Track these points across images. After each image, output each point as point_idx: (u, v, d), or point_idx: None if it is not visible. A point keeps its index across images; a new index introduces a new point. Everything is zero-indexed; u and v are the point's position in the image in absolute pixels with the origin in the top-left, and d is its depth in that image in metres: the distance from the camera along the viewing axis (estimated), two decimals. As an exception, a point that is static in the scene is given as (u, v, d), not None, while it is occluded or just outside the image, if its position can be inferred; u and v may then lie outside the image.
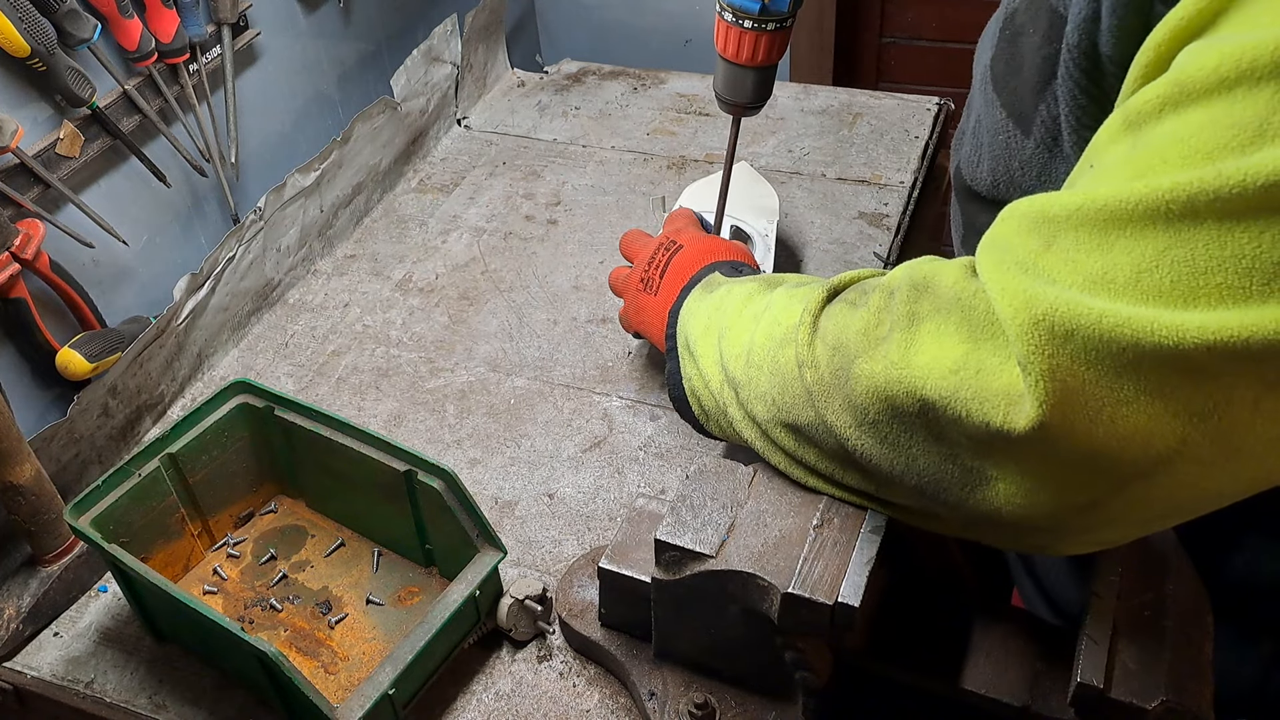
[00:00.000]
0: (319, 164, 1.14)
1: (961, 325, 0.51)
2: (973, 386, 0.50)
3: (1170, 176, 0.43)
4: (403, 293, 1.13)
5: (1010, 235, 0.51)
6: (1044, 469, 0.50)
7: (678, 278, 0.81)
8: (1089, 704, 0.58)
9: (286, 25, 1.17)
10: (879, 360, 0.55)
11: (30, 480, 0.78)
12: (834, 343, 0.58)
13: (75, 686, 0.78)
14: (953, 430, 0.52)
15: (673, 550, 0.64)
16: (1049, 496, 0.51)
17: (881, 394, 0.54)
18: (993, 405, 0.49)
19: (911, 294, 0.55)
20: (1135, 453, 0.47)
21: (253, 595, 0.82)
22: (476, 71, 1.45)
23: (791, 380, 0.61)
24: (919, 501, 0.59)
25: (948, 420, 0.52)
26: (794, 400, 0.61)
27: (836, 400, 0.58)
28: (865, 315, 0.57)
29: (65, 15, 0.86)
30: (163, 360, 0.98)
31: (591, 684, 0.76)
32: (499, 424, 0.97)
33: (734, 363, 0.67)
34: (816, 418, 0.59)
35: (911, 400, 0.53)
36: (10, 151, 0.84)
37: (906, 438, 0.55)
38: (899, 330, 0.54)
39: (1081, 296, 0.46)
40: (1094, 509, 0.51)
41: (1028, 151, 0.62)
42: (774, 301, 0.67)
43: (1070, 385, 0.46)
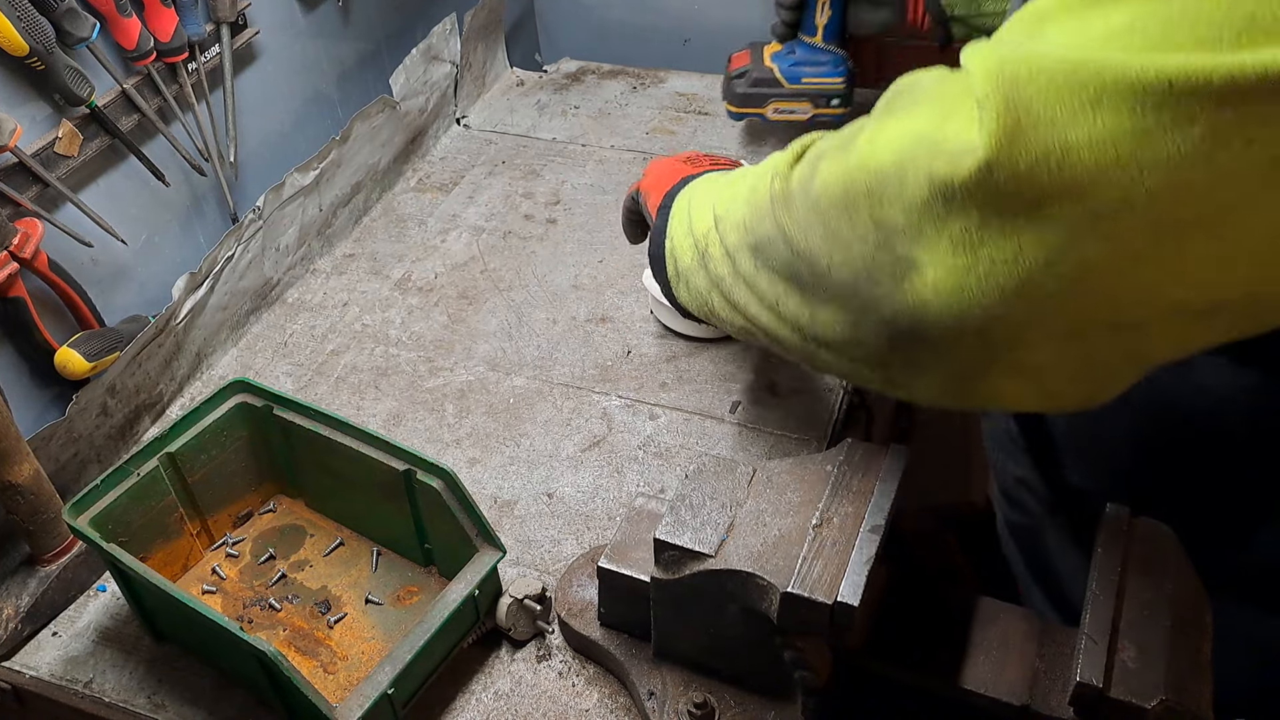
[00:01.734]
0: (318, 163, 1.13)
1: (934, 105, 0.50)
2: (929, 146, 0.48)
3: None
4: (402, 292, 1.13)
5: (1000, 33, 0.50)
6: (978, 232, 0.47)
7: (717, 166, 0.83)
8: (1088, 703, 0.58)
9: (285, 24, 1.16)
10: (850, 154, 0.54)
11: (29, 479, 0.78)
12: (814, 155, 0.59)
13: (74, 686, 0.78)
14: (895, 203, 0.50)
15: (672, 549, 0.64)
16: (981, 276, 0.48)
17: (839, 177, 0.54)
18: (942, 159, 0.47)
19: (888, 98, 0.55)
20: (1074, 210, 0.45)
21: (252, 595, 0.82)
22: (476, 70, 1.45)
23: (761, 198, 0.62)
24: (847, 319, 0.57)
25: (893, 190, 0.50)
26: (760, 215, 0.62)
27: (797, 201, 0.58)
28: (845, 130, 0.57)
29: (64, 14, 0.86)
30: (161, 359, 0.98)
31: (591, 683, 0.76)
32: (498, 423, 0.97)
33: (719, 204, 0.69)
34: (774, 228, 0.60)
35: (865, 175, 0.52)
36: (9, 150, 0.84)
37: (848, 223, 0.53)
38: (870, 127, 0.54)
39: (1046, 47, 0.45)
40: (1026, 299, 0.48)
41: None
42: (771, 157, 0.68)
43: (1023, 122, 0.44)
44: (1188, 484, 0.70)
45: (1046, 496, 0.83)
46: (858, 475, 0.66)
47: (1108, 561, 0.63)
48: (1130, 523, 0.65)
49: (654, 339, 1.05)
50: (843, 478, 0.66)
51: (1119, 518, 0.65)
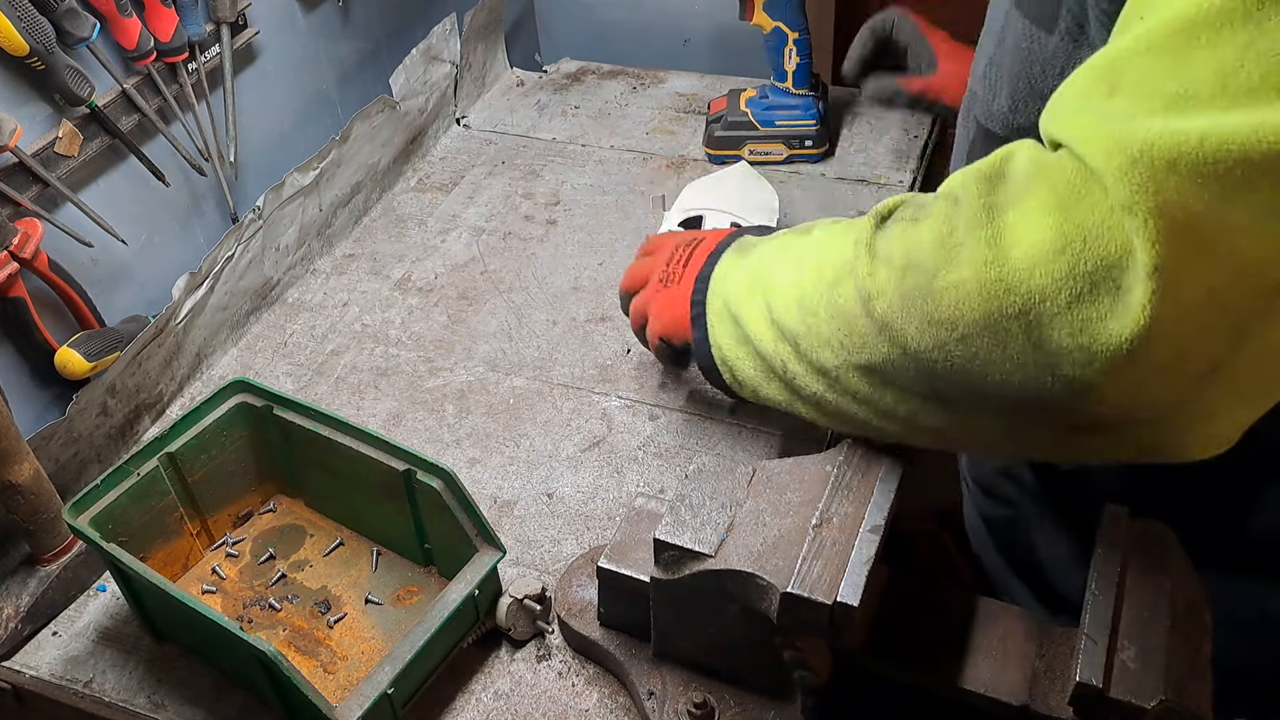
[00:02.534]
0: (318, 163, 1.13)
1: (1048, 198, 0.48)
2: (1085, 258, 0.46)
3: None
4: (402, 292, 1.13)
5: (1075, 94, 0.48)
6: (1160, 335, 0.46)
7: (702, 258, 0.79)
8: (1088, 703, 0.58)
9: (285, 24, 1.17)
10: (966, 265, 0.51)
11: (29, 479, 0.78)
12: (903, 263, 0.54)
13: (74, 686, 0.78)
14: (1059, 327, 0.48)
15: (672, 550, 0.64)
16: (1166, 372, 0.47)
17: (976, 300, 0.50)
18: (1108, 280, 0.46)
19: (982, 188, 0.51)
20: (1252, 286, 0.44)
21: (251, 594, 0.82)
22: (475, 71, 1.45)
23: (856, 317, 0.58)
24: (1009, 426, 0.55)
25: (1051, 312, 0.48)
26: (863, 338, 0.58)
27: (915, 323, 0.54)
28: (933, 226, 0.53)
29: (64, 14, 0.86)
30: (161, 359, 0.98)
31: (590, 683, 0.76)
32: (498, 423, 0.97)
33: (786, 314, 0.64)
34: (893, 349, 0.56)
35: (1014, 298, 0.49)
36: (9, 150, 0.84)
37: (1000, 347, 0.51)
38: (978, 228, 0.50)
39: (1170, 121, 0.43)
40: (1214, 378, 0.48)
41: (1050, 48, 0.61)
42: (815, 242, 0.65)
43: (1180, 220, 0.43)
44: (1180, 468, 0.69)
45: (1033, 486, 0.83)
46: (857, 475, 0.66)
47: (1108, 561, 0.64)
48: (1130, 523, 0.65)
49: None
50: (842, 478, 0.66)
51: (1119, 518, 0.65)
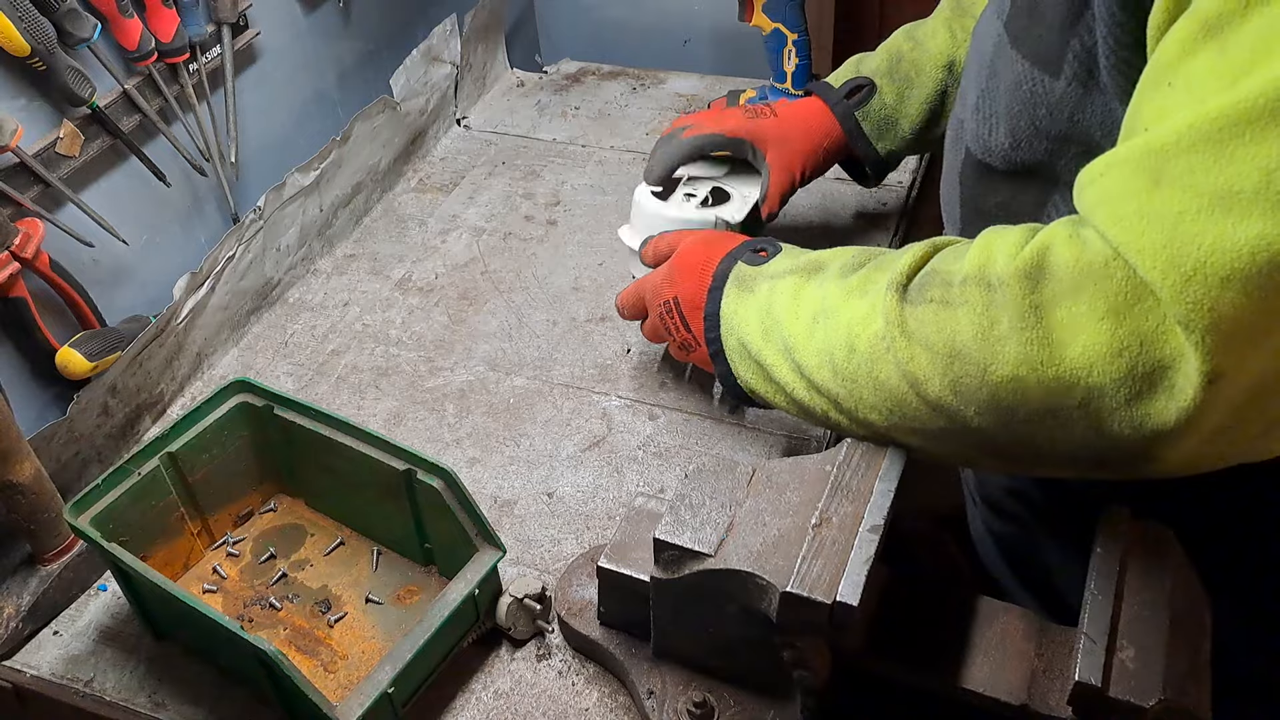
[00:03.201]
0: (318, 163, 1.14)
1: (1099, 303, 0.49)
2: (1141, 362, 0.48)
3: (1275, 67, 0.42)
4: (402, 292, 1.13)
5: (1117, 184, 0.49)
6: (1213, 416, 0.49)
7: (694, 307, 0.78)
8: (1087, 703, 0.59)
9: (286, 25, 1.17)
10: (1016, 364, 0.53)
11: (30, 479, 0.78)
12: (946, 352, 0.56)
13: (75, 685, 0.78)
14: (1118, 416, 0.51)
15: (671, 549, 0.64)
16: (1224, 435, 0.50)
17: (1034, 395, 0.53)
18: (1161, 375, 0.48)
19: (1024, 284, 0.52)
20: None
21: (252, 594, 0.82)
22: (476, 71, 1.45)
23: (904, 395, 0.60)
24: (1074, 471, 0.58)
25: (1113, 406, 0.51)
26: (915, 412, 0.60)
27: (973, 407, 0.56)
28: (971, 317, 0.55)
29: (65, 14, 0.86)
30: (162, 359, 0.98)
31: (590, 682, 0.76)
32: (498, 423, 0.97)
33: (819, 374, 0.65)
34: (951, 423, 0.58)
35: (1074, 395, 0.51)
36: (10, 151, 0.84)
37: (1064, 428, 0.53)
38: (1025, 329, 0.52)
39: (1217, 225, 0.44)
40: (1270, 433, 0.51)
41: (1057, 93, 0.60)
42: (831, 300, 0.65)
43: (1234, 330, 0.45)
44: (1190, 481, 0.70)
45: (1043, 506, 0.83)
46: (857, 475, 0.67)
47: (1107, 561, 0.64)
48: (1130, 523, 0.65)
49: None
50: (842, 478, 0.66)
51: (1119, 518, 0.65)
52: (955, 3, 0.96)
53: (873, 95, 0.96)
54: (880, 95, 0.96)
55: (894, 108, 0.97)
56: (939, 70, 0.95)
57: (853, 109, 0.97)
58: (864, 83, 0.97)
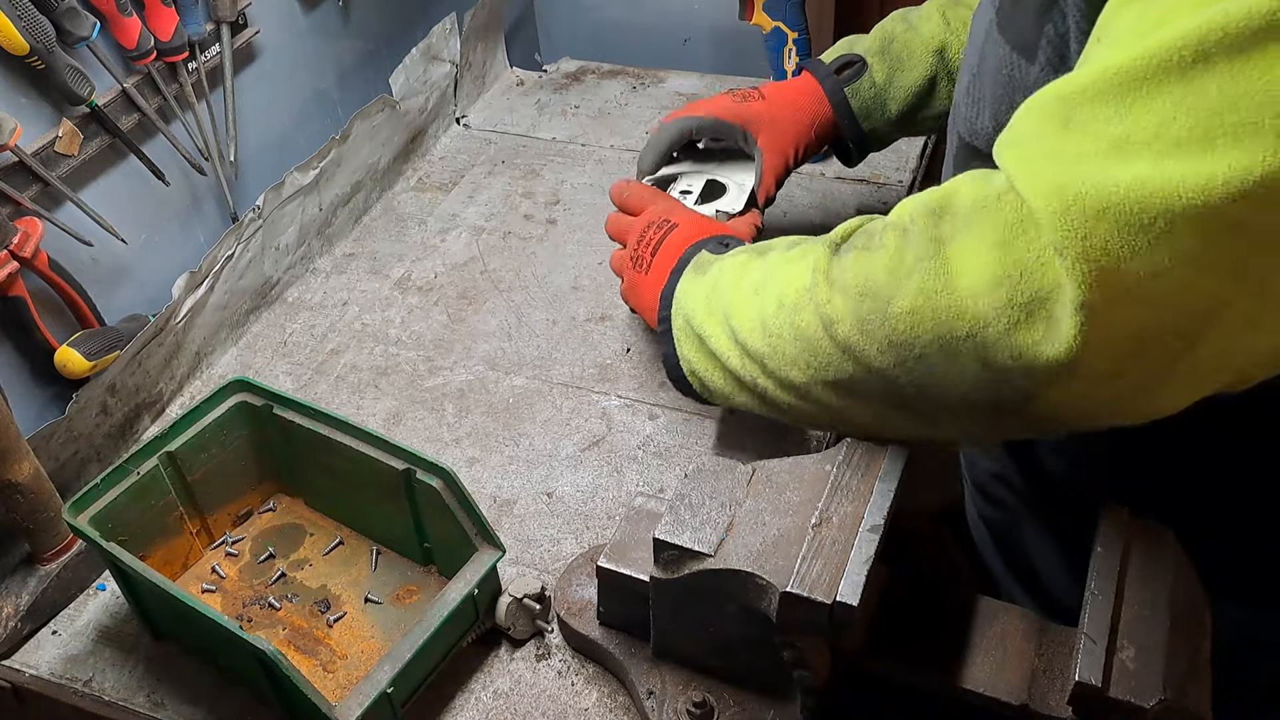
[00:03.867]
0: (318, 162, 1.13)
1: (989, 233, 0.51)
2: (1022, 289, 0.50)
3: (1179, 25, 0.44)
4: (401, 291, 1.13)
5: (1029, 127, 0.51)
6: (1093, 358, 0.50)
7: (668, 258, 0.80)
8: (1087, 703, 0.58)
9: (286, 24, 1.17)
10: (915, 295, 0.54)
11: (29, 478, 0.78)
12: (859, 290, 0.58)
13: (74, 685, 0.78)
14: (1003, 350, 0.52)
15: (671, 549, 0.64)
16: (1106, 382, 0.51)
17: (929, 324, 0.54)
18: (1042, 313, 0.50)
19: (929, 220, 0.55)
20: (1178, 321, 0.48)
21: (251, 594, 0.82)
22: (475, 70, 1.45)
23: (819, 340, 0.61)
24: (971, 427, 0.59)
25: (995, 336, 0.52)
26: (828, 359, 0.61)
27: (875, 345, 0.57)
28: (885, 255, 0.57)
29: (64, 13, 0.86)
30: (161, 358, 0.98)
31: (590, 682, 0.76)
32: (498, 423, 0.97)
33: (751, 337, 0.67)
34: (857, 368, 0.60)
35: (961, 323, 0.53)
36: (9, 149, 0.84)
37: (954, 364, 0.55)
38: (926, 259, 0.54)
39: (1107, 167, 0.46)
40: (1151, 386, 0.52)
41: (1031, 77, 0.62)
42: (772, 269, 0.67)
43: (1106, 264, 0.47)
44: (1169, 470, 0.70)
45: (1024, 490, 0.83)
46: (857, 475, 0.66)
47: (1107, 561, 0.64)
48: (1130, 523, 0.65)
49: (654, 337, 1.05)
50: (842, 477, 0.66)
51: (1119, 518, 0.65)
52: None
53: (863, 73, 0.96)
54: (870, 73, 0.96)
55: (882, 87, 0.97)
56: (929, 55, 0.95)
57: (842, 84, 0.97)
58: (855, 59, 0.97)
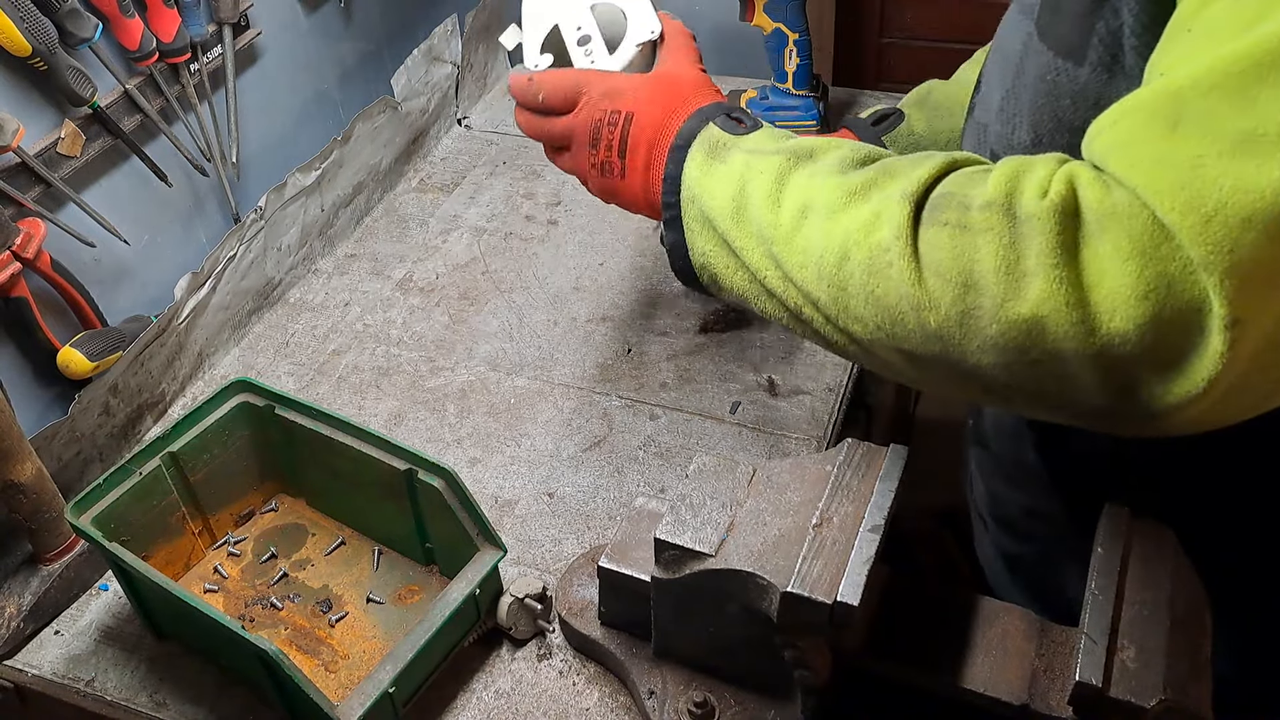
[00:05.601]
0: (319, 163, 1.14)
1: (1124, 243, 0.47)
2: (1168, 306, 0.47)
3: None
4: (403, 292, 1.13)
5: (1132, 129, 0.48)
6: (1235, 372, 0.47)
7: (649, 151, 0.70)
8: (1088, 703, 0.59)
9: (287, 25, 1.17)
10: (1038, 301, 0.50)
11: (31, 479, 0.78)
12: (961, 280, 0.52)
13: (76, 685, 0.78)
14: (1135, 363, 0.49)
15: (672, 549, 0.64)
16: (1238, 395, 0.48)
17: (1048, 336, 0.50)
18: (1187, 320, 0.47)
19: (1057, 220, 0.50)
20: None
21: (253, 594, 0.82)
22: (477, 71, 1.45)
23: (903, 316, 0.55)
24: (1064, 420, 0.56)
25: (1131, 352, 0.48)
26: (910, 334, 0.55)
27: (977, 342, 0.53)
28: (993, 246, 0.51)
29: (66, 14, 0.86)
30: (164, 359, 0.98)
31: (591, 682, 0.76)
32: (499, 423, 0.97)
33: (802, 274, 0.60)
34: (946, 352, 0.54)
35: (1094, 340, 0.49)
36: (11, 151, 0.84)
37: (1072, 378, 0.51)
38: (1055, 265, 0.49)
39: (1238, 168, 0.44)
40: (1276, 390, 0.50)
41: (1081, 80, 0.59)
42: (826, 196, 0.59)
43: (1254, 273, 0.45)
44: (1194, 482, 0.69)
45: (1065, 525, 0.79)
46: (857, 475, 0.67)
47: (1108, 561, 0.64)
48: (1130, 523, 0.65)
49: (654, 337, 1.05)
50: (842, 478, 0.67)
51: (1119, 518, 0.65)
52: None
53: (900, 122, 0.94)
54: (909, 122, 0.93)
55: (923, 135, 0.94)
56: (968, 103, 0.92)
57: (879, 134, 0.93)
58: (890, 112, 0.95)
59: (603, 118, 0.71)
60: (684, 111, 0.69)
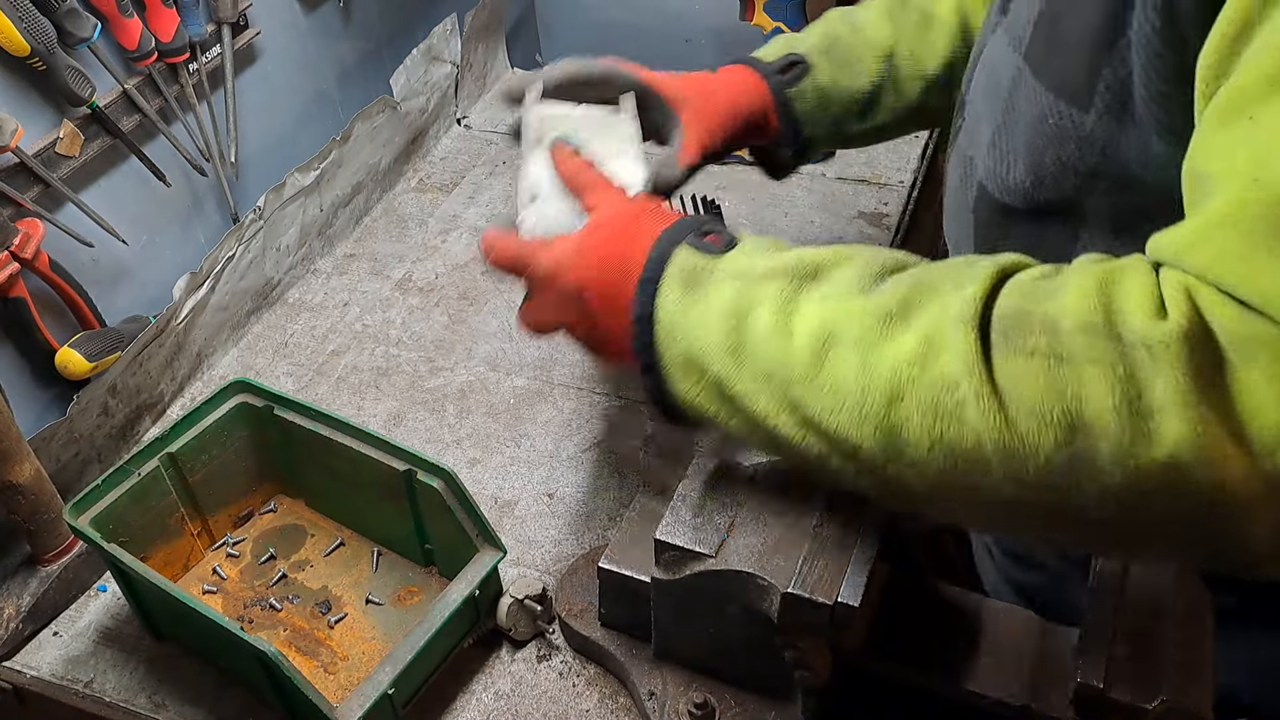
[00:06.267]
0: (318, 163, 1.13)
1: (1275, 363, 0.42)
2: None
3: None
4: (402, 292, 1.13)
5: (1241, 247, 0.43)
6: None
7: (614, 304, 0.62)
8: (1089, 703, 0.59)
9: (286, 25, 1.17)
10: (1176, 441, 0.43)
11: (30, 479, 0.78)
12: (1063, 421, 0.45)
13: (75, 686, 0.78)
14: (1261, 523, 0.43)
15: (672, 550, 0.64)
16: None
17: (1195, 480, 0.43)
18: None
19: (1188, 346, 0.43)
20: None
21: (252, 595, 0.82)
22: (476, 71, 1.45)
23: (984, 463, 0.47)
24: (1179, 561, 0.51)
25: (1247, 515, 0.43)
26: (997, 483, 0.48)
27: (1096, 487, 0.45)
28: (1105, 381, 0.44)
29: (65, 14, 0.86)
30: (162, 360, 0.98)
31: (591, 684, 0.76)
32: (499, 423, 0.97)
33: (831, 417, 0.51)
34: (1041, 498, 0.47)
35: (1255, 481, 0.43)
36: (10, 151, 0.84)
37: (1225, 518, 0.45)
38: (1194, 401, 0.43)
39: None
40: None
41: (1087, 127, 0.55)
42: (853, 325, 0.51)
43: None
44: None
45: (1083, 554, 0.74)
46: (858, 475, 0.66)
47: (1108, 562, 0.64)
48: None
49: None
50: (843, 478, 0.66)
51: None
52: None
53: (806, 74, 0.84)
54: (814, 74, 0.84)
55: (825, 89, 0.85)
56: (877, 61, 0.85)
57: (784, 85, 0.84)
58: (798, 59, 0.85)
59: (556, 297, 0.65)
60: (640, 246, 0.61)
